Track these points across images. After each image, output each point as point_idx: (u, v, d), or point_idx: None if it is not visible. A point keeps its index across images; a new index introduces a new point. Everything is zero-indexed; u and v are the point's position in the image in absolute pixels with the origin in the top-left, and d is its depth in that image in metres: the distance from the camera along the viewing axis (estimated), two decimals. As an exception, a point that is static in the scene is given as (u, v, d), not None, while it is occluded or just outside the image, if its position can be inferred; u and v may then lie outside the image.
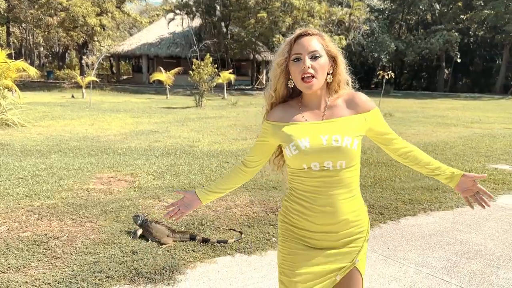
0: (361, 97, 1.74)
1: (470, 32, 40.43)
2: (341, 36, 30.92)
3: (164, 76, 24.81)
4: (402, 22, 45.28)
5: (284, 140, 1.71)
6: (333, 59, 1.72)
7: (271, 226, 4.15)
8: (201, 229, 4.04)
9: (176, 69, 25.63)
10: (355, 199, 1.72)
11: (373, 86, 48.63)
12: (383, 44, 35.90)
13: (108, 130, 10.97)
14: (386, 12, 43.09)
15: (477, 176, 1.77)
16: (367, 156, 7.68)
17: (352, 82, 1.81)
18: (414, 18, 45.26)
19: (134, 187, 5.49)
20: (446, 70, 43.39)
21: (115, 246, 3.62)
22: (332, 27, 32.25)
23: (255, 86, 35.76)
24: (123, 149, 8.12)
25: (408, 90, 41.38)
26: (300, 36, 1.68)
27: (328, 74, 1.71)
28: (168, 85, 25.09)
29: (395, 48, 36.78)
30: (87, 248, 3.59)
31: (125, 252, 3.50)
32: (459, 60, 37.82)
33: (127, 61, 43.62)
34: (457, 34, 36.27)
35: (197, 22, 34.82)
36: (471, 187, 1.78)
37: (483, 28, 39.55)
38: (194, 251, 3.56)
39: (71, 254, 3.47)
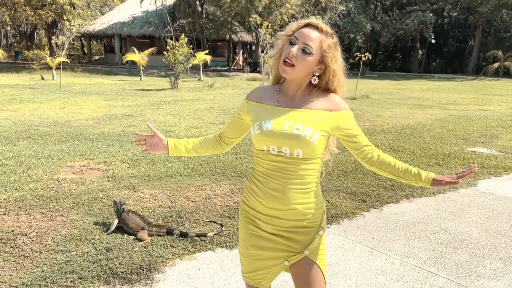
0: (336, 97, 1.74)
1: (444, 13, 40.78)
2: (317, 17, 30.65)
3: (137, 56, 24.10)
4: (377, 3, 45.25)
5: (252, 118, 1.77)
6: (324, 64, 1.70)
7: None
8: (179, 221, 3.86)
9: (150, 50, 24.93)
10: (308, 193, 1.72)
11: (348, 66, 48.72)
12: (359, 24, 35.85)
13: (80, 114, 10.56)
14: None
15: (449, 182, 1.65)
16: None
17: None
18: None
19: (108, 177, 5.24)
20: (420, 51, 43.81)
21: (88, 243, 3.41)
22: (308, 7, 31.94)
23: (232, 67, 35.28)
24: (95, 135, 7.80)
25: (383, 71, 41.70)
26: (309, 25, 1.67)
27: (314, 75, 1.70)
28: (142, 66, 24.42)
29: (370, 29, 36.81)
30: (58, 245, 3.37)
31: (99, 249, 3.30)
32: (433, 41, 38.19)
33: (98, 41, 42.28)
34: (431, 15, 36.54)
35: (171, 0, 33.88)
36: (444, 181, 1.66)
37: (457, 9, 39.95)
38: (172, 247, 3.39)
39: (41, 253, 3.25)
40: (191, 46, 19.68)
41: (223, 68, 34.29)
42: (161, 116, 10.58)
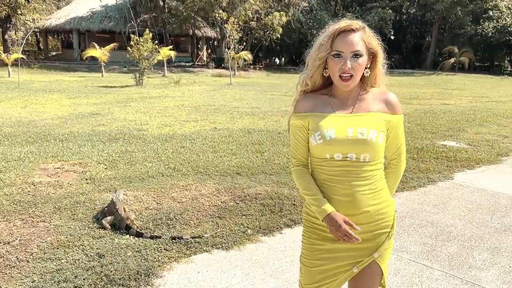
0: (394, 98, 1.74)
1: (403, 10, 41.94)
2: (281, 13, 30.80)
3: (98, 52, 23.40)
4: (337, 0, 45.95)
5: (311, 128, 1.72)
6: (372, 54, 1.70)
7: (244, 217, 3.97)
8: (170, 224, 3.77)
9: (111, 45, 24.23)
10: (378, 193, 1.71)
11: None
12: (322, 21, 36.23)
13: (44, 113, 10.13)
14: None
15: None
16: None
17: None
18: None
19: (86, 179, 5.05)
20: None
21: (78, 249, 3.27)
22: (272, 3, 32.00)
23: (196, 63, 34.91)
24: (64, 135, 7.51)
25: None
26: (344, 31, 1.64)
27: (366, 68, 1.69)
28: (103, 62, 23.73)
29: (332, 25, 37.32)
30: (45, 253, 3.22)
31: (90, 255, 3.18)
32: (392, 37, 39.21)
33: (55, 36, 40.68)
34: (390, 12, 37.47)
35: (131, -6, 33.05)
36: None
37: (415, 5, 41.18)
38: (167, 250, 3.31)
39: (28, 262, 3.09)
40: (156, 41, 19.26)
41: (187, 64, 33.84)
42: (130, 114, 10.32)
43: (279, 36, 31.62)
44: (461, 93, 17.86)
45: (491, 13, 34.11)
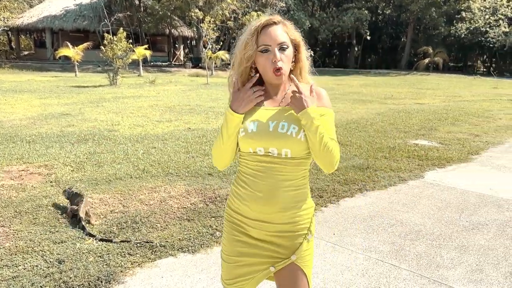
0: (319, 91, 1.68)
1: (378, 11, 42.49)
2: (258, 13, 30.77)
3: (71, 51, 22.90)
4: (315, 0, 46.24)
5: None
6: (295, 46, 1.66)
7: (213, 218, 3.89)
8: (135, 227, 3.66)
9: (85, 44, 23.75)
10: (298, 194, 1.66)
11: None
12: (299, 21, 36.38)
13: (12, 114, 9.82)
14: (301, -11, 43.68)
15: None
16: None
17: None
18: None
19: (51, 181, 4.88)
20: (356, 48, 45.37)
21: (37, 255, 3.13)
22: (249, 2, 31.96)
23: (173, 62, 34.56)
24: (32, 136, 7.28)
25: (321, 67, 42.70)
26: (267, 25, 1.61)
27: (292, 62, 1.67)
28: (77, 61, 23.24)
29: (309, 25, 37.54)
30: (1, 259, 3.07)
31: (50, 261, 3.04)
32: (368, 38, 39.68)
33: (27, 35, 39.68)
34: (366, 12, 37.90)
35: (106, -7, 32.48)
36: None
37: (390, 6, 41.76)
38: (130, 255, 3.20)
39: (-18, 270, 2.94)
40: (130, 40, 18.96)
41: (163, 63, 33.47)
42: (102, 114, 10.10)
43: (256, 36, 31.56)
44: (434, 93, 18.16)
45: (464, 14, 34.88)
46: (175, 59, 35.80)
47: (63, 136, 7.33)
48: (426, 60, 36.00)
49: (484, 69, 43.21)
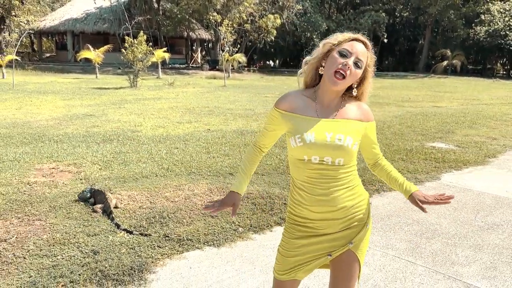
0: (366, 107, 1.87)
1: (396, 13, 42.27)
2: (275, 15, 30.98)
3: (93, 54, 23.49)
4: (332, 2, 46.24)
5: (291, 130, 1.80)
6: (364, 74, 1.80)
7: (235, 216, 4.07)
8: (163, 222, 3.87)
9: (105, 47, 24.36)
10: (353, 189, 1.84)
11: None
12: (316, 24, 36.51)
13: (39, 114, 10.19)
14: (318, -8, 43.76)
15: (421, 205, 1.82)
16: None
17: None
18: (344, -2, 46.40)
19: (81, 179, 5.14)
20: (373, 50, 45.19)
21: (73, 246, 3.36)
22: (266, 5, 32.17)
23: (190, 64, 34.97)
24: (59, 136, 7.58)
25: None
26: (358, 40, 1.76)
27: (353, 87, 1.82)
28: (97, 63, 23.78)
29: (326, 28, 37.57)
30: (41, 250, 3.30)
31: (85, 252, 3.26)
32: (385, 40, 39.51)
33: (49, 37, 40.62)
34: (384, 15, 37.78)
35: (126, -4, 33.10)
36: (424, 200, 1.83)
37: (408, 9, 41.51)
38: (160, 247, 3.40)
39: (25, 258, 3.17)
40: (150, 43, 19.35)
41: (181, 65, 33.92)
42: (125, 115, 10.40)
43: (273, 38, 31.80)
44: (452, 96, 18.08)
45: (483, 17, 34.50)
46: (192, 61, 36.23)
47: (89, 136, 7.61)
48: (444, 63, 35.72)
49: (504, 72, 42.60)
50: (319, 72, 1.81)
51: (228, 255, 3.32)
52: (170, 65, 30.94)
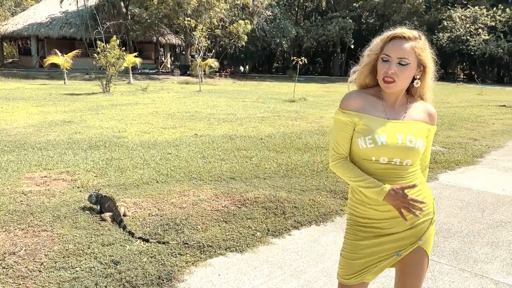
0: (434, 110, 1.87)
1: (362, 20, 43.27)
2: (246, 21, 31.07)
3: (61, 59, 22.74)
4: (297, 9, 46.83)
5: (360, 131, 1.75)
6: (423, 66, 1.76)
7: (249, 220, 4.00)
8: (178, 229, 3.75)
9: (74, 52, 23.64)
10: (417, 189, 1.80)
11: (273, 70, 49.89)
12: (285, 30, 36.85)
13: (14, 121, 9.75)
14: (285, -2, 44.25)
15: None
16: (305, 141, 7.83)
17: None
18: (311, 5, 47.06)
19: (78, 187, 4.92)
20: (340, 56, 46.04)
21: (89, 257, 3.20)
22: (237, 11, 32.22)
23: (160, 70, 34.51)
24: (42, 143, 7.27)
25: (305, 75, 43.24)
26: (396, 37, 1.72)
27: (416, 79, 1.78)
28: (66, 69, 23.07)
29: (295, 34, 38.01)
30: (56, 262, 3.12)
31: (105, 263, 3.11)
32: (352, 46, 40.32)
33: (11, 42, 39.11)
34: (351, 21, 38.57)
35: (93, 0, 32.30)
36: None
37: (373, 16, 42.59)
38: (181, 255, 3.29)
39: (40, 271, 2.99)
40: (124, 48, 18.96)
41: (151, 71, 33.40)
42: (105, 121, 10.11)
43: (244, 44, 31.86)
44: (423, 100, 18.61)
45: (445, 23, 35.80)
46: (162, 66, 35.76)
47: (73, 143, 7.34)
48: (410, 68, 36.72)
49: (464, 77, 44.30)
50: (371, 76, 1.84)
51: (253, 261, 3.25)
52: (139, 71, 30.40)
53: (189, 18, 26.68)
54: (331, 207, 4.40)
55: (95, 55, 18.06)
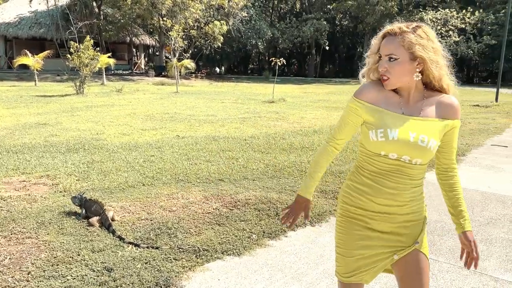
0: (452, 102, 1.74)
1: (336, 22, 43.78)
2: (222, 22, 30.93)
3: (31, 60, 22.09)
4: (272, 11, 46.98)
5: (373, 123, 1.73)
6: (420, 59, 1.67)
7: (243, 222, 3.91)
8: (170, 233, 3.62)
9: (45, 52, 23.00)
10: (419, 189, 1.79)
11: (249, 71, 49.91)
12: (261, 31, 36.90)
13: (-15, 124, 9.35)
14: (260, 0, 44.31)
15: (466, 247, 1.80)
16: (289, 141, 7.79)
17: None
18: (286, 7, 47.32)
19: (60, 191, 4.72)
20: (315, 57, 46.46)
21: (80, 265, 3.04)
22: (212, 11, 32.04)
23: (134, 70, 33.94)
24: (17, 147, 6.98)
25: (281, 76, 43.44)
26: (387, 34, 1.70)
27: (418, 72, 1.70)
28: (36, 70, 22.40)
29: (271, 35, 38.10)
30: (44, 271, 2.95)
31: (98, 270, 2.96)
32: (327, 48, 40.75)
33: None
34: (325, 23, 38.96)
35: (64, 0, 31.51)
36: (467, 245, 1.80)
37: (347, 18, 43.15)
38: (176, 260, 3.17)
39: (28, 281, 2.82)
40: (98, 48, 18.53)
41: (125, 72, 32.80)
42: (81, 123, 9.82)
43: (220, 45, 31.70)
44: (398, 100, 18.90)
45: (416, 25, 36.53)
46: (136, 67, 35.19)
47: (50, 146, 7.08)
48: (383, 69, 37.33)
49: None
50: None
51: (252, 264, 3.16)
52: (113, 71, 29.81)
53: (165, 18, 26.29)
54: (323, 208, 4.35)
55: (68, 55, 17.58)
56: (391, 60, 1.66)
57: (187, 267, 3.07)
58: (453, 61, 1.83)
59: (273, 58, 17.18)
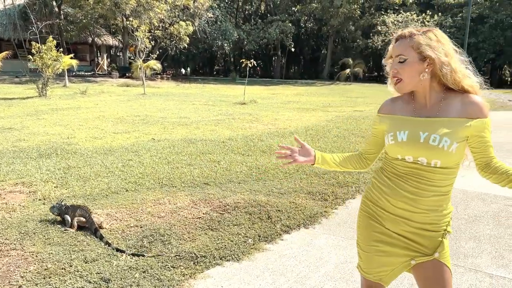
0: (476, 101, 1.67)
1: (301, 24, 44.25)
2: (187, 22, 30.62)
3: (-13, 61, 21.02)
4: (237, 12, 46.97)
5: (386, 128, 1.81)
6: (429, 59, 1.67)
7: (236, 227, 3.86)
8: (164, 240, 3.52)
9: (4, 53, 21.93)
10: (442, 199, 1.73)
11: (215, 73, 49.64)
12: (227, 32, 36.79)
13: None
14: (226, 1, 44.19)
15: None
16: (268, 143, 7.77)
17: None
18: (251, 8, 47.40)
19: (39, 199, 4.51)
20: (281, 59, 46.79)
21: (75, 276, 2.90)
22: (178, 12, 31.65)
23: (97, 72, 33.02)
24: (-17, 152, 6.62)
25: (247, 78, 43.50)
26: (399, 37, 1.75)
27: (429, 73, 1.71)
28: (-6, 72, 21.38)
29: (237, 37, 38.06)
30: (36, 284, 2.80)
31: (94, 281, 2.84)
32: (292, 49, 41.13)
33: None
34: (290, 25, 39.31)
35: (21, -1, 30.26)
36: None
37: (312, 20, 43.70)
38: (174, 267, 3.08)
39: (20, 297, 2.66)
40: (61, 49, 17.89)
41: (87, 73, 31.87)
42: (49, 127, 9.44)
43: (186, 45, 31.36)
44: (365, 101, 19.32)
45: (379, 28, 37.51)
46: (98, 68, 34.26)
47: (20, 152, 6.76)
48: (347, 71, 38.10)
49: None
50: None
51: (253, 269, 3.12)
52: (74, 73, 28.88)
53: (131, 18, 25.72)
54: (314, 209, 4.36)
55: (30, 56, 16.88)
56: (401, 61, 1.70)
57: (187, 274, 2.99)
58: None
59: (244, 60, 17.14)
